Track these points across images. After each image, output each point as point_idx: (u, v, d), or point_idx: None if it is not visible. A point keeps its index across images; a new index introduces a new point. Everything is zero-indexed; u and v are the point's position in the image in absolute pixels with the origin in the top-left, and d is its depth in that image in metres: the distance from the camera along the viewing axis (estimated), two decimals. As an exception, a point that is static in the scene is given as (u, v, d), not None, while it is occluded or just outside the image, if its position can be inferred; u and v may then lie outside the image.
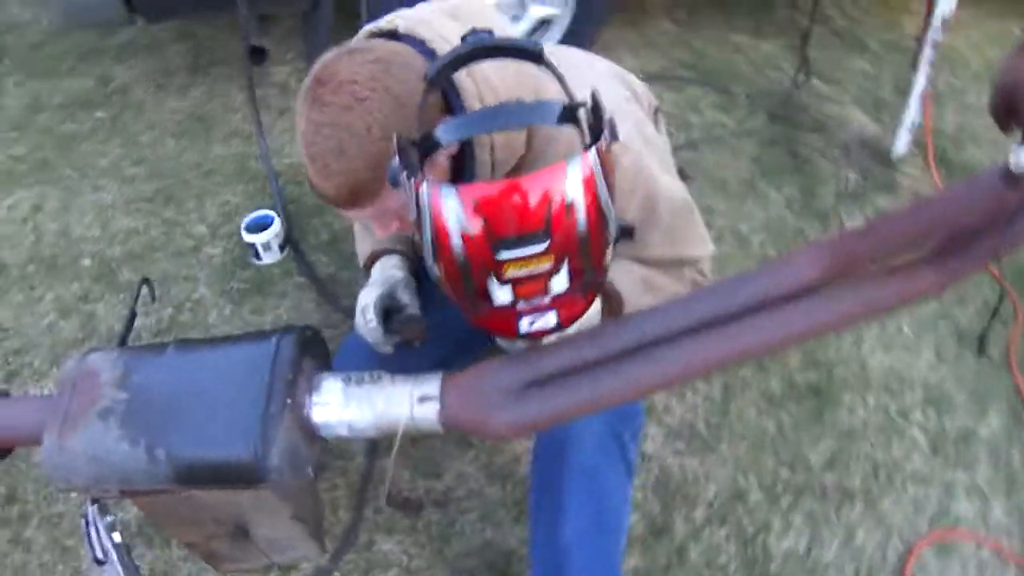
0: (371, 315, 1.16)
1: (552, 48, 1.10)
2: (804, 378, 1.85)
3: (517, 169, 1.06)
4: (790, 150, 2.42)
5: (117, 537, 1.08)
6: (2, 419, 1.16)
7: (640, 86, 1.26)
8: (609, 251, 0.80)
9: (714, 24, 2.98)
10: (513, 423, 0.86)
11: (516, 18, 2.19)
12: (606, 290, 1.06)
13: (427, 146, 0.82)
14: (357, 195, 0.92)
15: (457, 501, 1.62)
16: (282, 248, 2.07)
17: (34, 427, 1.08)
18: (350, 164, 0.89)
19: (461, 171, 1.03)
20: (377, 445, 1.69)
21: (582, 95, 0.84)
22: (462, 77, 0.94)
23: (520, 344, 0.93)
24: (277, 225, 2.06)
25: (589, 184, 0.72)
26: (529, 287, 0.78)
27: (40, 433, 1.03)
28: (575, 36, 2.24)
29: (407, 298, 1.21)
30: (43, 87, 2.76)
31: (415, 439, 1.60)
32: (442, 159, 0.97)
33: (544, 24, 2.23)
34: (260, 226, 2.06)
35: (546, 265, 0.75)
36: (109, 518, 1.08)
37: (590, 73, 1.14)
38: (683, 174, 2.13)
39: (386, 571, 1.55)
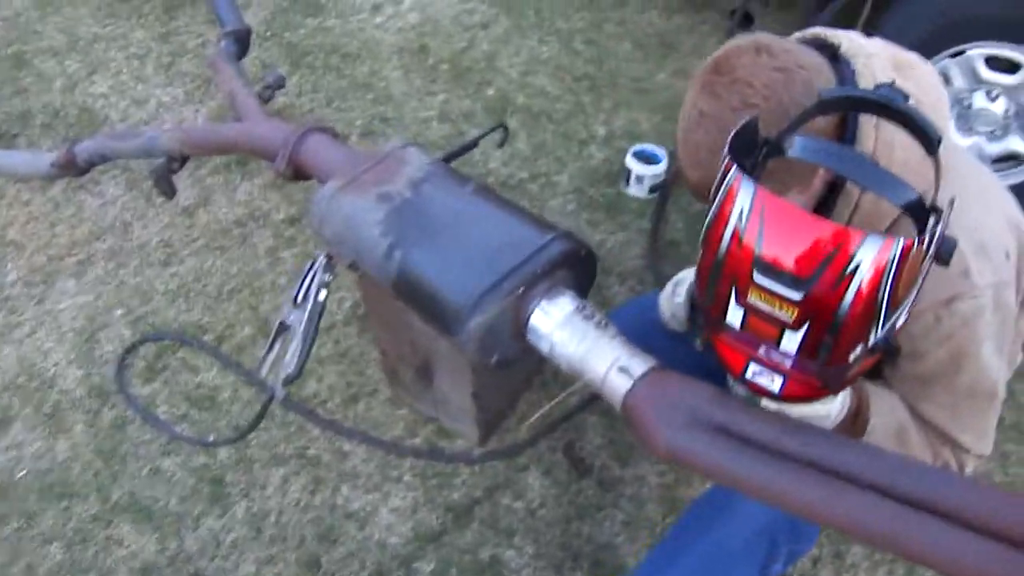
0: (682, 291, 1.52)
1: (968, 159, 1.39)
2: None
3: None
4: None
5: (323, 295, 1.68)
6: (317, 151, 1.90)
7: None
8: (859, 349, 0.98)
9: None
10: (671, 445, 1.12)
11: (994, 136, 2.50)
12: (859, 409, 1.26)
13: (771, 147, 1.03)
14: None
15: (618, 496, 2.02)
16: (651, 190, 2.65)
17: (331, 172, 1.75)
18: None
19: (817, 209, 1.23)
20: (598, 400, 2.18)
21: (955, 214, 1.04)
22: (868, 125, 1.15)
23: (740, 390, 1.18)
24: (660, 168, 2.63)
25: (877, 271, 0.90)
26: (760, 325, 0.99)
27: (331, 177, 1.67)
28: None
29: None
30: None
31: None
32: (818, 182, 1.18)
33: (1013, 160, 2.52)
34: (646, 159, 2.65)
35: (787, 315, 0.96)
36: (328, 278, 1.67)
37: (980, 204, 1.28)
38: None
39: (512, 499, 2.01)
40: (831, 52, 1.22)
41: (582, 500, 2.02)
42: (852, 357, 0.99)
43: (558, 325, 1.37)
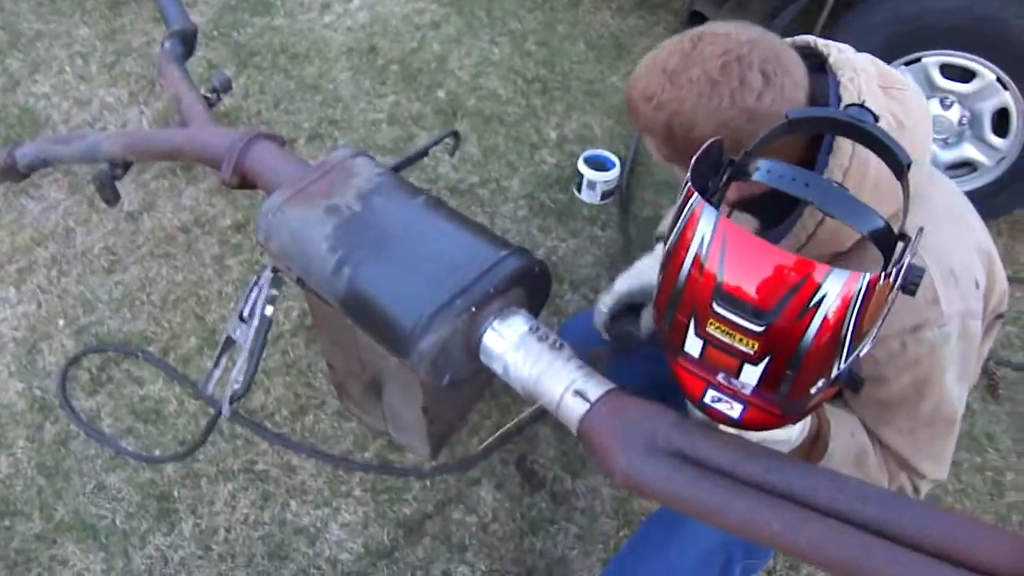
0: (608, 302, 1.56)
1: (943, 182, 1.35)
2: None
3: None
4: None
5: (269, 310, 1.62)
6: (263, 160, 1.85)
7: (1001, 282, 1.37)
8: (821, 382, 0.96)
9: None
10: (629, 471, 1.09)
11: (948, 144, 2.55)
12: (819, 432, 1.25)
13: (736, 170, 1.01)
14: (634, 117, 1.20)
15: (571, 509, 2.01)
16: (604, 196, 2.64)
17: (278, 182, 1.70)
18: (652, 109, 1.15)
19: (767, 224, 1.25)
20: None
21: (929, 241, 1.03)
22: (846, 142, 1.11)
23: (699, 415, 1.14)
24: (612, 175, 2.62)
25: (842, 304, 0.87)
26: (720, 357, 0.96)
27: (277, 188, 1.63)
28: (992, 199, 2.56)
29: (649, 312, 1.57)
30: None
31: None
32: (731, 191, 1.13)
33: (966, 167, 2.58)
34: (598, 165, 2.64)
35: (747, 347, 0.93)
36: (274, 292, 1.62)
37: (951, 230, 1.27)
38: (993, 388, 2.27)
39: (465, 514, 2.00)
40: (818, 62, 1.20)
41: (535, 514, 2.01)
42: (814, 390, 0.97)
43: (511, 346, 1.34)
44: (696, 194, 0.94)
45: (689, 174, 0.97)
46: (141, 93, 2.78)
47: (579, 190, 2.66)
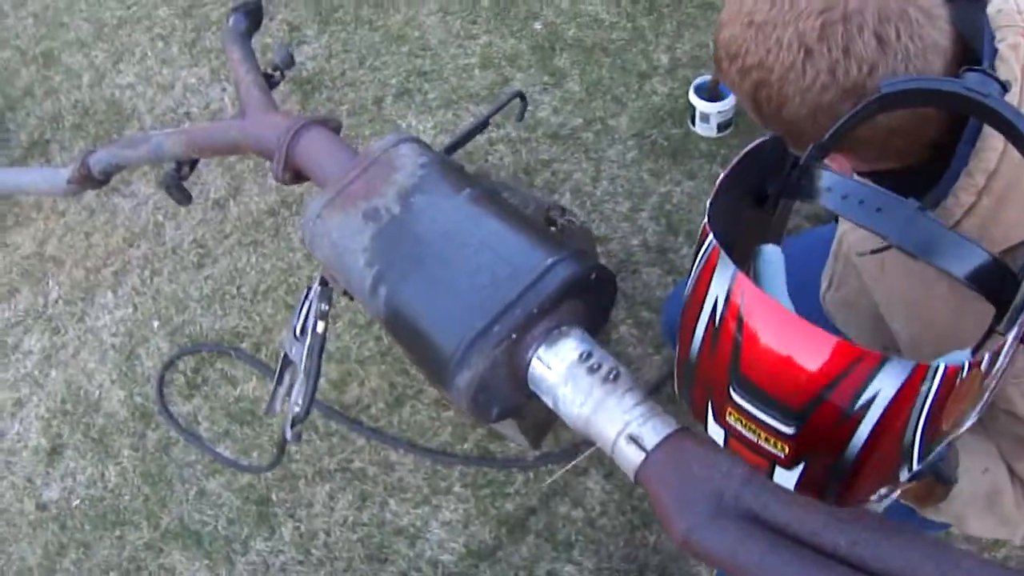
0: None
1: None
2: None
3: None
4: None
5: (321, 327, 1.53)
6: (310, 153, 1.71)
7: None
8: (883, 491, 0.82)
9: None
10: (690, 536, 0.93)
11: None
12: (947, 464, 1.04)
13: (793, 184, 0.82)
14: (718, 70, 0.96)
15: None
16: (721, 128, 2.40)
17: (325, 178, 1.59)
18: (736, 71, 0.92)
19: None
20: (665, 386, 2.02)
21: None
22: (997, 138, 0.85)
23: None
24: (728, 103, 2.36)
25: (902, 405, 0.69)
26: (745, 453, 0.81)
27: (324, 185, 1.51)
28: None
29: None
30: None
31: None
32: (835, 163, 0.93)
33: None
34: (713, 93, 2.40)
35: (776, 450, 0.76)
36: (325, 307, 1.53)
37: None
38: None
39: (571, 507, 1.90)
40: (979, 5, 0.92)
41: (647, 505, 1.89)
42: (875, 496, 0.82)
43: (560, 379, 1.18)
44: (711, 235, 0.74)
45: (709, 203, 0.77)
46: (222, 69, 2.76)
47: (693, 123, 2.43)
